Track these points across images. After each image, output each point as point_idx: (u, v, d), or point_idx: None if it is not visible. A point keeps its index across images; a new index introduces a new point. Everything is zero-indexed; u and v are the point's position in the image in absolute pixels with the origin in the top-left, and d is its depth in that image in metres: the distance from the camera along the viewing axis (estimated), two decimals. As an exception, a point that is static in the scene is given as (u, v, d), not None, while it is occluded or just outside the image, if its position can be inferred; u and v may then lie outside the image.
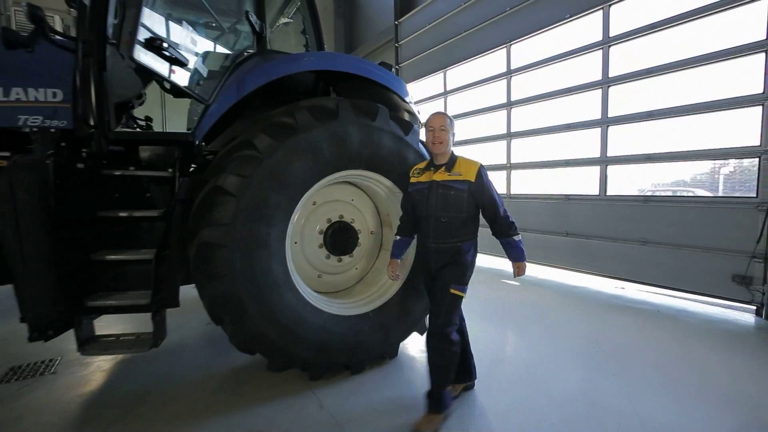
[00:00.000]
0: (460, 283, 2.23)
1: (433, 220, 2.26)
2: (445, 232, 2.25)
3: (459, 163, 2.29)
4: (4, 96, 2.35)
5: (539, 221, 5.85)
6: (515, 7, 5.92)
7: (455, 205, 2.23)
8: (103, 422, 2.30)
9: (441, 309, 2.21)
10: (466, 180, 2.22)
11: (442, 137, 2.26)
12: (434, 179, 2.28)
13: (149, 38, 2.06)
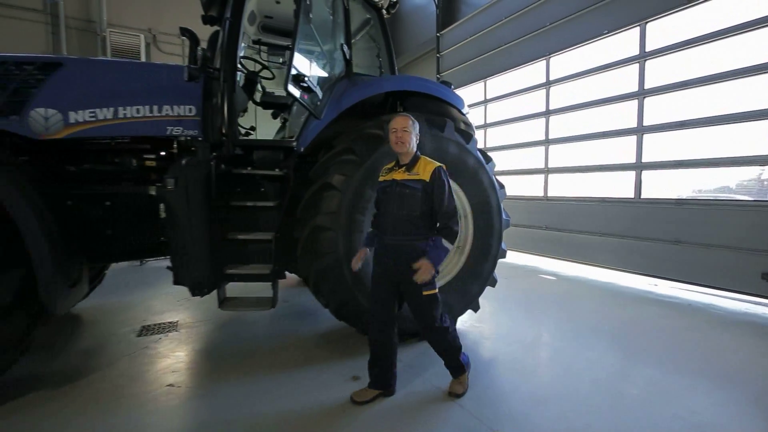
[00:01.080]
0: (429, 284, 2.31)
1: (390, 217, 2.35)
2: (399, 229, 2.33)
3: (419, 164, 2.37)
4: (159, 112, 3.06)
5: (574, 221, 6.26)
6: (555, 22, 6.36)
7: (409, 204, 2.31)
8: (222, 369, 2.91)
9: (422, 312, 2.37)
10: (421, 179, 2.31)
11: (404, 138, 2.34)
12: (395, 178, 2.38)
13: (295, 75, 2.71)
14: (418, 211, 2.32)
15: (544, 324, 3.95)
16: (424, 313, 2.38)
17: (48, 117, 2.75)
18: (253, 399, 2.48)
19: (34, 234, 2.25)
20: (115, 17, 7.96)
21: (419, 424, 2.22)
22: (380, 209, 2.47)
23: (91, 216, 2.99)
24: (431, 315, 2.37)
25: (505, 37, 7.32)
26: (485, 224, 3.56)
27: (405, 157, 2.41)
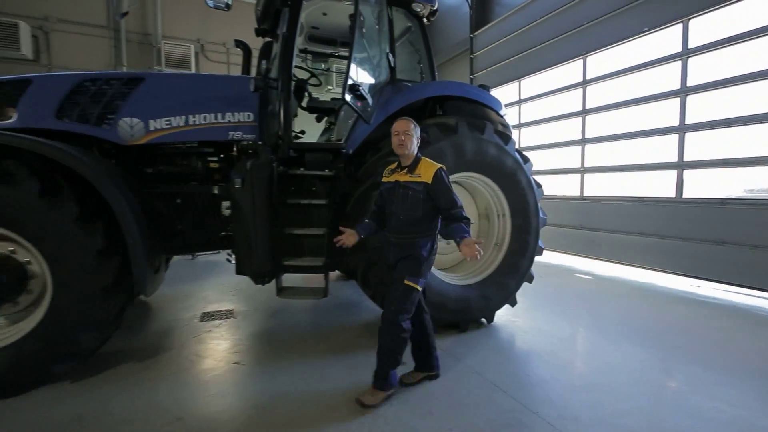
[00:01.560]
0: (413, 275, 2.36)
1: (395, 217, 2.45)
2: (403, 229, 2.42)
3: (420, 166, 2.44)
4: (222, 118, 3.40)
5: (611, 221, 6.22)
6: (592, 21, 6.34)
7: (412, 204, 2.39)
8: (278, 351, 3.20)
9: (394, 297, 2.37)
10: (422, 181, 2.38)
11: (406, 141, 2.41)
12: (398, 180, 2.47)
13: (351, 84, 2.97)
14: (421, 212, 2.39)
15: (581, 321, 4.02)
16: (393, 301, 2.37)
17: (133, 125, 3.14)
18: (307, 377, 2.75)
19: (129, 226, 2.62)
20: (168, 29, 8.58)
21: (463, 405, 2.42)
22: (386, 209, 2.56)
23: (164, 212, 3.37)
24: (399, 305, 2.35)
25: (541, 36, 7.33)
26: (523, 222, 3.70)
27: (406, 159, 2.48)
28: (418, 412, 2.32)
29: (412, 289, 2.37)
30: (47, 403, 2.40)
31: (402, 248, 2.44)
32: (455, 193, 2.43)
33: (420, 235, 2.42)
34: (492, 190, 3.65)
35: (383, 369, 2.41)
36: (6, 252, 2.55)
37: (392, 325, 2.35)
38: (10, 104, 2.89)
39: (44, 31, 7.76)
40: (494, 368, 2.92)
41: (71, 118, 3.00)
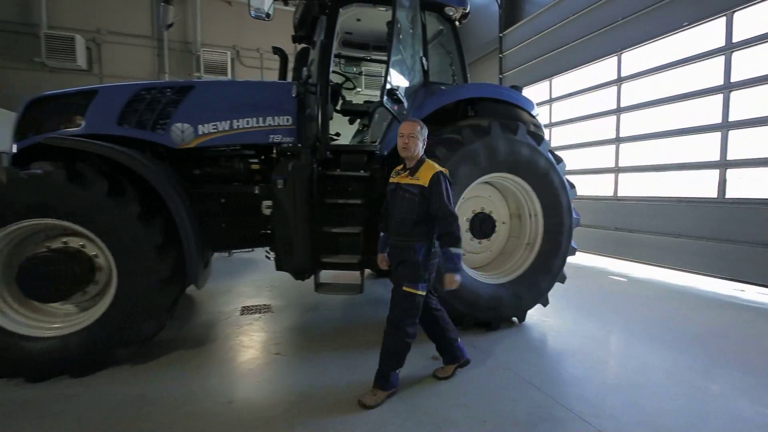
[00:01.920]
0: (411, 281, 2.38)
1: (392, 219, 2.48)
2: (399, 231, 2.44)
3: (422, 169, 2.41)
4: (263, 122, 3.58)
5: (647, 222, 6.05)
6: (627, 17, 6.19)
7: (408, 207, 2.39)
8: (315, 344, 3.35)
9: (396, 305, 2.44)
10: (420, 185, 2.36)
11: (410, 143, 2.39)
12: (399, 182, 2.48)
13: (390, 89, 3.10)
14: (415, 215, 2.37)
15: (614, 322, 3.97)
16: (395, 307, 2.43)
17: (183, 130, 3.38)
18: (344, 369, 2.88)
19: (183, 224, 2.84)
20: (206, 37, 9.01)
21: (498, 399, 2.48)
22: (387, 210, 2.59)
23: (210, 211, 3.60)
24: (401, 311, 2.40)
25: (573, 34, 7.21)
26: (555, 223, 3.71)
27: (410, 162, 2.46)
28: (454, 404, 2.41)
29: (413, 295, 2.39)
30: (113, 383, 2.64)
31: (399, 251, 2.45)
32: (451, 200, 2.39)
33: (415, 239, 2.41)
34: (524, 190, 3.67)
35: (385, 369, 2.43)
36: (77, 246, 2.83)
37: (395, 328, 2.41)
38: (80, 112, 3.18)
39: (96, 42, 8.33)
40: (527, 365, 2.96)
41: (130, 125, 3.26)
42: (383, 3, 3.67)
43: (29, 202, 2.54)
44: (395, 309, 2.43)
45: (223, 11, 9.20)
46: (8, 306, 2.71)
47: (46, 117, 3.19)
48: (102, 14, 8.34)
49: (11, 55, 7.81)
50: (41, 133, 3.15)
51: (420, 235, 2.42)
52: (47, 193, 2.55)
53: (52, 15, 7.89)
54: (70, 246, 2.82)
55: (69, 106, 3.21)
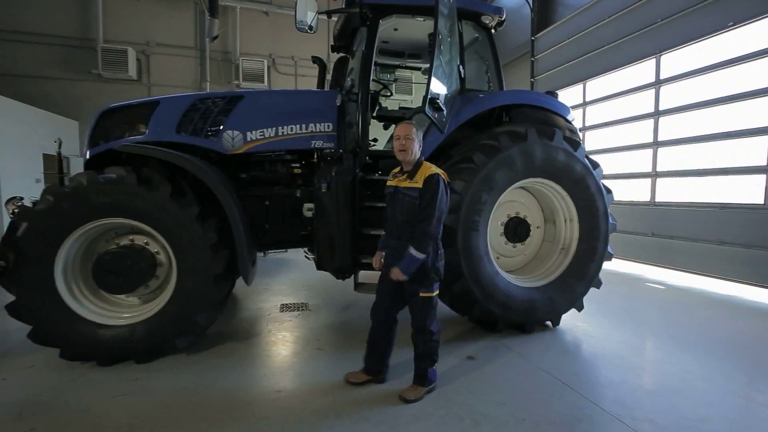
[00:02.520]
0: (425, 285, 2.45)
1: (393, 222, 2.52)
2: (403, 234, 2.46)
3: (420, 172, 2.44)
4: (306, 129, 3.77)
5: (686, 228, 5.87)
6: (667, 18, 6.06)
7: (408, 210, 2.41)
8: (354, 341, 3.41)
9: (416, 311, 2.50)
10: (417, 188, 2.39)
11: (407, 146, 2.41)
12: (398, 186, 2.49)
13: (431, 98, 3.23)
14: (416, 218, 2.41)
15: (651, 328, 3.93)
16: (416, 313, 2.51)
17: (234, 137, 3.62)
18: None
19: (236, 224, 3.07)
20: (244, 47, 9.45)
21: (534, 399, 2.54)
22: (387, 213, 2.63)
23: (255, 212, 3.82)
24: (423, 315, 2.48)
25: (609, 36, 7.10)
26: (591, 227, 3.72)
27: (408, 165, 2.49)
28: (491, 401, 2.49)
29: (430, 298, 2.48)
30: (172, 370, 2.89)
31: (398, 253, 2.45)
32: (443, 205, 2.41)
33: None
34: (560, 195, 3.71)
35: (422, 368, 2.55)
36: (142, 243, 3.11)
37: (422, 332, 2.50)
38: (144, 121, 3.49)
39: (145, 54, 8.92)
40: (562, 368, 2.99)
41: (187, 132, 3.53)
42: (421, 13, 3.81)
43: (106, 202, 2.83)
44: (417, 315, 2.50)
45: (260, 22, 9.62)
46: (84, 296, 3.01)
47: (114, 126, 3.52)
48: (151, 28, 8.92)
49: (71, 68, 8.48)
50: (109, 141, 3.49)
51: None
52: (120, 195, 2.84)
53: (107, 30, 8.51)
54: (136, 243, 3.10)
55: (134, 116, 3.53)
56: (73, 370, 2.86)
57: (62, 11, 8.38)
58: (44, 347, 2.89)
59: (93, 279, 2.94)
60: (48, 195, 2.81)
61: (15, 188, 6.75)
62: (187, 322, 2.99)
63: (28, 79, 8.15)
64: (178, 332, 3.00)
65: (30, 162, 7.31)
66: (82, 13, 8.49)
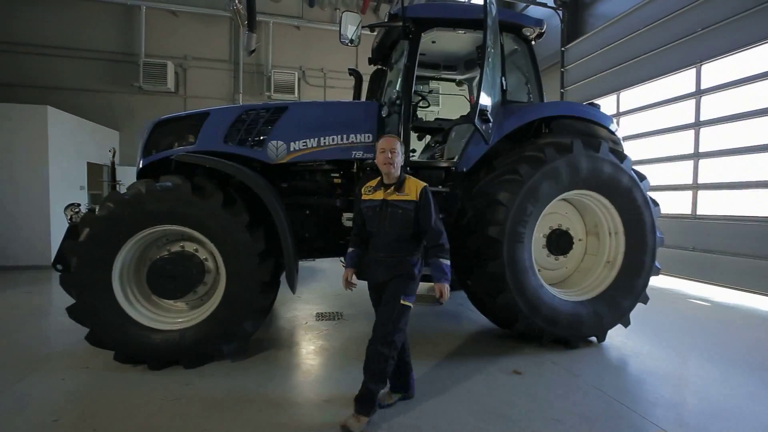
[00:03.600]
0: (408, 294, 2.36)
1: (384, 235, 2.42)
2: (394, 247, 2.41)
3: (407, 184, 2.45)
4: (347, 140, 3.83)
5: (734, 244, 5.64)
6: (708, 27, 5.92)
7: (402, 223, 2.38)
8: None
9: (390, 316, 2.31)
10: (412, 200, 2.39)
11: (392, 159, 2.39)
12: (386, 198, 2.43)
13: (482, 110, 3.26)
14: (411, 230, 2.40)
15: (702, 347, 3.75)
16: (389, 319, 2.32)
17: (278, 147, 3.71)
18: (424, 376, 2.99)
19: (284, 233, 3.12)
20: (276, 60, 9.72)
21: (592, 419, 2.45)
22: (369, 228, 2.51)
23: (295, 221, 3.88)
24: (395, 324, 2.30)
25: (645, 47, 6.99)
26: (638, 241, 3.62)
27: (390, 178, 2.45)
28: (547, 419, 2.42)
29: (407, 308, 2.37)
30: (220, 374, 2.93)
31: (392, 267, 2.41)
32: (437, 214, 2.46)
33: (410, 253, 2.43)
34: (605, 207, 3.63)
35: (371, 392, 2.29)
36: (192, 251, 3.20)
37: (386, 344, 2.28)
38: (194, 132, 3.61)
39: (183, 68, 9.29)
40: (613, 385, 2.90)
41: (234, 142, 3.64)
42: (464, 27, 3.84)
43: (162, 210, 2.93)
44: (389, 324, 2.31)
45: (291, 35, 9.89)
46: (137, 301, 3.11)
47: (166, 136, 3.66)
48: (188, 42, 9.29)
49: (114, 81, 8.90)
50: (161, 151, 3.63)
51: (416, 249, 2.47)
52: (175, 203, 2.93)
53: (147, 45, 8.92)
54: (186, 250, 3.19)
55: (185, 127, 3.66)
56: (125, 372, 2.94)
57: (107, 27, 8.84)
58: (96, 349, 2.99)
59: (147, 284, 3.03)
60: (109, 202, 2.93)
61: (61, 195, 7.09)
62: (235, 328, 3.04)
63: (73, 91, 8.59)
64: (225, 338, 3.05)
65: (75, 170, 7.65)
66: (125, 29, 8.94)
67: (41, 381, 2.80)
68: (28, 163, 6.75)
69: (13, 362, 3.12)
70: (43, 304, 4.94)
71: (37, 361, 3.12)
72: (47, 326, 4.09)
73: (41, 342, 3.62)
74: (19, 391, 2.66)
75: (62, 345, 3.49)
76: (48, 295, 5.41)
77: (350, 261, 2.65)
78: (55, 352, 3.33)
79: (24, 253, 6.74)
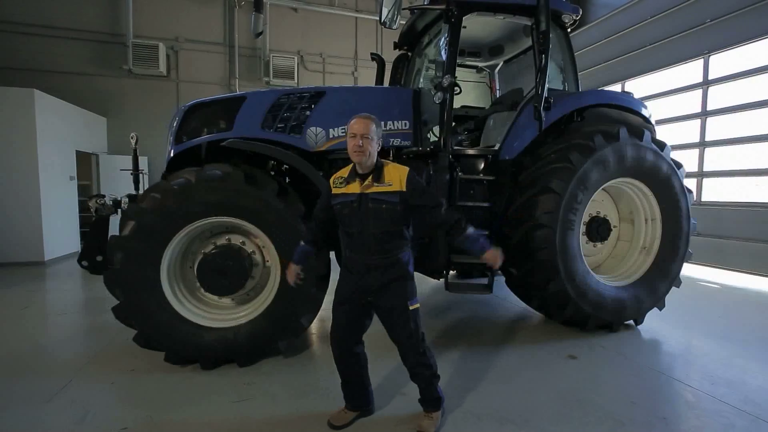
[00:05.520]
0: (411, 297, 2.11)
1: (368, 236, 2.04)
2: (379, 247, 2.05)
3: (387, 172, 2.05)
4: (385, 126, 3.70)
5: (739, 228, 5.92)
6: (717, 18, 6.08)
7: (389, 219, 2.03)
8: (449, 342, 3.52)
9: (407, 329, 2.08)
10: (397, 191, 2.02)
11: (365, 146, 2.00)
12: (363, 192, 2.04)
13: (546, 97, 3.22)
14: (401, 225, 2.07)
15: (727, 329, 3.92)
16: (409, 330, 2.08)
17: (317, 134, 3.56)
18: (483, 369, 3.00)
19: (338, 224, 3.01)
20: (273, 43, 9.33)
21: (666, 400, 2.52)
22: (346, 228, 2.13)
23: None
24: (417, 331, 2.11)
25: (651, 36, 7.12)
26: (674, 227, 3.73)
27: (364, 167, 2.06)
28: (621, 402, 2.47)
29: (417, 311, 2.13)
30: (281, 373, 2.82)
31: (385, 270, 2.06)
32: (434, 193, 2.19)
33: (401, 250, 2.10)
34: (643, 194, 3.70)
35: (431, 392, 2.18)
36: (239, 243, 3.04)
37: (424, 352, 2.13)
38: (230, 117, 3.40)
39: (174, 50, 8.76)
40: (666, 364, 3.03)
41: (271, 129, 3.45)
42: (504, 12, 3.76)
43: (215, 200, 2.76)
44: (412, 337, 2.09)
45: (289, 18, 9.50)
46: (185, 298, 2.94)
47: (200, 122, 3.43)
48: (180, 23, 8.76)
49: (101, 63, 8.31)
50: (193, 138, 3.41)
51: (405, 245, 2.13)
52: (229, 193, 2.77)
53: (136, 25, 8.35)
54: (233, 243, 3.04)
55: (220, 112, 3.45)
56: (174, 373, 2.79)
57: (92, 6, 8.20)
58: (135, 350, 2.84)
59: (198, 279, 2.87)
60: (154, 193, 2.73)
61: (51, 186, 6.63)
62: (292, 323, 2.93)
63: (58, 74, 7.97)
64: (281, 333, 2.94)
65: (64, 159, 7.16)
66: (111, 7, 8.32)
67: (89, 386, 2.63)
68: (16, 151, 6.24)
69: (47, 366, 2.92)
70: (52, 303, 4.64)
71: (73, 365, 2.93)
72: (65, 326, 3.84)
73: (65, 343, 3.41)
74: (71, 397, 2.48)
75: (89, 346, 3.30)
76: (53, 292, 5.08)
77: (300, 257, 2.29)
78: (87, 354, 3.14)
79: (16, 249, 6.29)
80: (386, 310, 2.11)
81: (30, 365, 2.94)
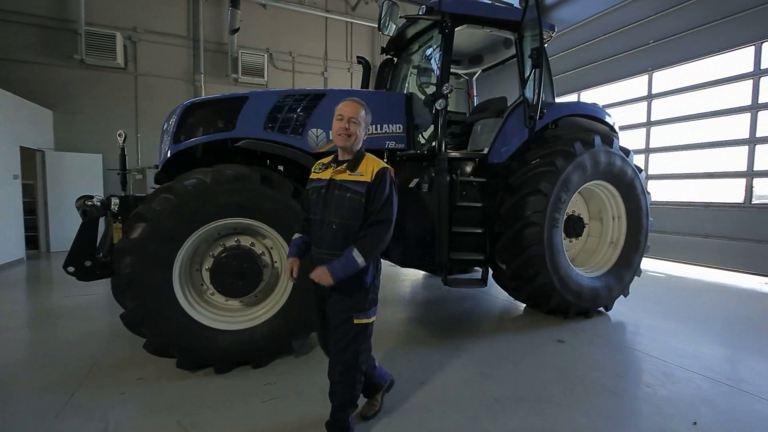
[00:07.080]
0: (361, 309, 1.91)
1: (326, 225, 1.91)
2: (336, 242, 1.89)
3: (364, 163, 1.93)
4: (381, 130, 3.88)
5: (676, 224, 6.77)
6: (660, 40, 6.90)
7: (349, 210, 1.88)
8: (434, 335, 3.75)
9: (345, 343, 1.91)
10: (364, 181, 1.88)
11: (351, 129, 1.91)
12: (333, 177, 1.93)
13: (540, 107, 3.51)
14: (361, 220, 1.89)
15: (679, 313, 4.52)
16: (345, 345, 1.91)
17: (318, 135, 3.61)
18: (490, 356, 3.25)
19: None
20: (241, 40, 9.06)
21: (649, 370, 2.91)
22: (311, 214, 2.03)
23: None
24: (354, 348, 1.92)
25: (603, 52, 7.89)
26: (636, 224, 4.24)
27: (347, 153, 1.97)
28: (612, 376, 2.82)
29: (365, 326, 1.94)
30: (301, 372, 2.86)
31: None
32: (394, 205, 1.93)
33: None
34: (612, 195, 4.18)
35: (344, 418, 2.02)
36: (248, 245, 3.03)
37: (351, 370, 1.94)
38: (231, 117, 3.36)
39: (132, 41, 8.22)
40: (638, 343, 3.43)
41: (273, 129, 3.45)
42: (493, 26, 4.06)
43: (233, 202, 2.74)
44: (346, 348, 1.91)
45: (258, 14, 9.27)
46: (195, 301, 2.88)
47: (199, 122, 3.35)
48: (139, 12, 8.23)
49: (48, 52, 7.59)
50: (192, 138, 3.33)
51: None
52: (247, 194, 2.76)
53: (89, 12, 7.73)
54: (243, 245, 3.02)
55: (221, 111, 3.39)
56: (186, 379, 2.73)
57: (36, -13, 7.48)
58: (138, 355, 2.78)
59: (212, 282, 2.83)
60: (166, 194, 2.66)
61: (-5, 186, 5.97)
62: (307, 322, 2.98)
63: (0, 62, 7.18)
64: (296, 333, 2.98)
65: (7, 155, 6.47)
66: (59, -10, 7.64)
67: (97, 398, 2.49)
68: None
69: (53, 376, 2.75)
70: (32, 309, 4.24)
71: (73, 374, 2.77)
72: (50, 331, 3.57)
73: (56, 350, 3.21)
74: (82, 410, 2.36)
75: (84, 353, 3.12)
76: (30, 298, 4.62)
77: (294, 249, 2.09)
78: (84, 362, 2.97)
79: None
80: (332, 321, 1.95)
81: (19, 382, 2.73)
